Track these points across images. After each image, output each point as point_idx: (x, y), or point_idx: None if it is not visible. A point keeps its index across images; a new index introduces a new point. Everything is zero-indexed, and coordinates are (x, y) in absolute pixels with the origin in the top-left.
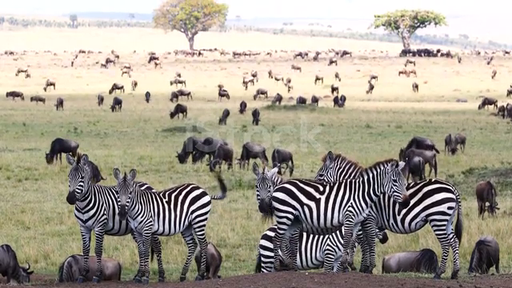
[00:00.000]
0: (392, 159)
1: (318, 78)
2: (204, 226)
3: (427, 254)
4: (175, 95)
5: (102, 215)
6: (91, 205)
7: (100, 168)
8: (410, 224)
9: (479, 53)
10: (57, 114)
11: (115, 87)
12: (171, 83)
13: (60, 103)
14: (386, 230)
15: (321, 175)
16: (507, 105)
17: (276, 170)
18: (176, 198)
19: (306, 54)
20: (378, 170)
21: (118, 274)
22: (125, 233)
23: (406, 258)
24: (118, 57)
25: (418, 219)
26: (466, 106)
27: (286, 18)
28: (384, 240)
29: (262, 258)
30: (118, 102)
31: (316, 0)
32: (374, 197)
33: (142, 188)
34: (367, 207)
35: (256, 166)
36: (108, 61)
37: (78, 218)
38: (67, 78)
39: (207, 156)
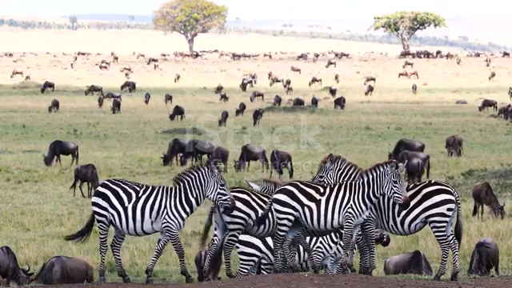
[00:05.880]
0: (392, 161)
1: (317, 80)
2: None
3: (416, 256)
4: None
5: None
6: None
7: (99, 170)
8: (409, 225)
9: (479, 54)
10: (56, 116)
11: (93, 88)
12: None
13: (55, 105)
14: (384, 232)
15: (321, 177)
16: (508, 106)
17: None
18: None
19: (306, 56)
20: (378, 172)
21: (85, 274)
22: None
23: (400, 260)
24: (116, 58)
25: (417, 221)
26: (465, 108)
27: (286, 19)
28: (386, 243)
29: (262, 260)
30: (116, 104)
31: (315, 2)
32: (373, 198)
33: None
34: (367, 209)
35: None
36: (105, 62)
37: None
38: (67, 80)
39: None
